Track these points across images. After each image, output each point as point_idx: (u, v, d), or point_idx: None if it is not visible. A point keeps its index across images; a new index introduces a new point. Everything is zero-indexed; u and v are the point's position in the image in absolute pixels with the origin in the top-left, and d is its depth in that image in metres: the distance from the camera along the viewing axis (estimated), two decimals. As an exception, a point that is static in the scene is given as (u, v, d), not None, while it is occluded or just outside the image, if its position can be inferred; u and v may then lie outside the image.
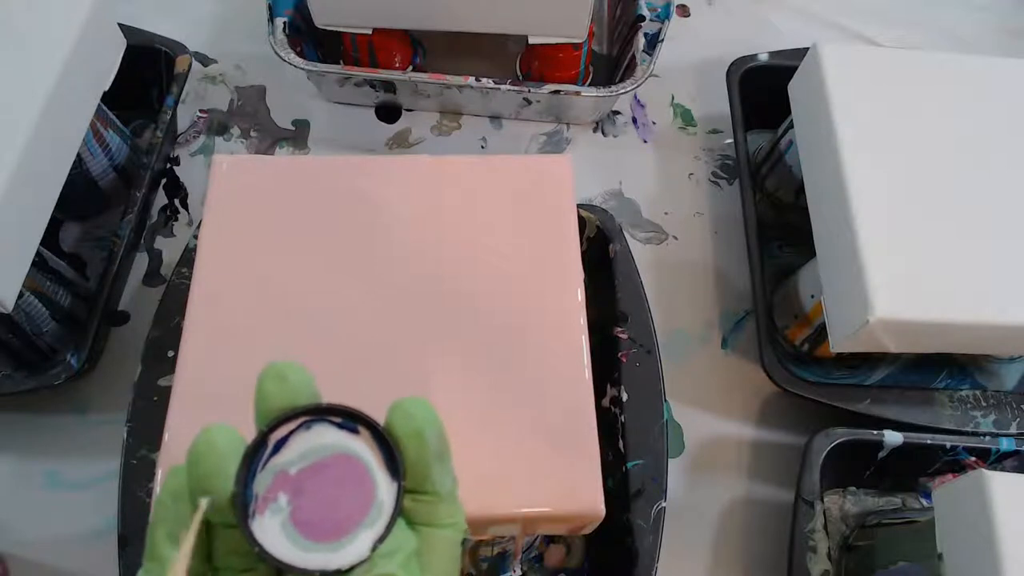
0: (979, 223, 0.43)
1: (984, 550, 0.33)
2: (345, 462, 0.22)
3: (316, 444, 0.22)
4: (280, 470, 0.22)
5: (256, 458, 0.22)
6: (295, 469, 0.22)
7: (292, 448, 0.22)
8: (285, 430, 0.22)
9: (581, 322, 0.37)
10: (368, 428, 0.22)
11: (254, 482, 0.21)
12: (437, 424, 0.23)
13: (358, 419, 0.22)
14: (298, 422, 0.22)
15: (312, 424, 0.22)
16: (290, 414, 0.22)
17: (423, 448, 0.22)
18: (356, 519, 0.22)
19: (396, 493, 0.22)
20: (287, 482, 0.22)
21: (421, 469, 0.23)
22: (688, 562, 0.47)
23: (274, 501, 0.21)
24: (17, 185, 0.40)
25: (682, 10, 0.69)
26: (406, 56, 0.60)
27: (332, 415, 0.22)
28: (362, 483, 0.22)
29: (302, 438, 0.22)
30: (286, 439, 0.22)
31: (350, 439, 0.22)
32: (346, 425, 0.22)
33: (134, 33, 0.53)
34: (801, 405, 0.48)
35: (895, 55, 0.50)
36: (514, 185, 0.40)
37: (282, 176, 0.40)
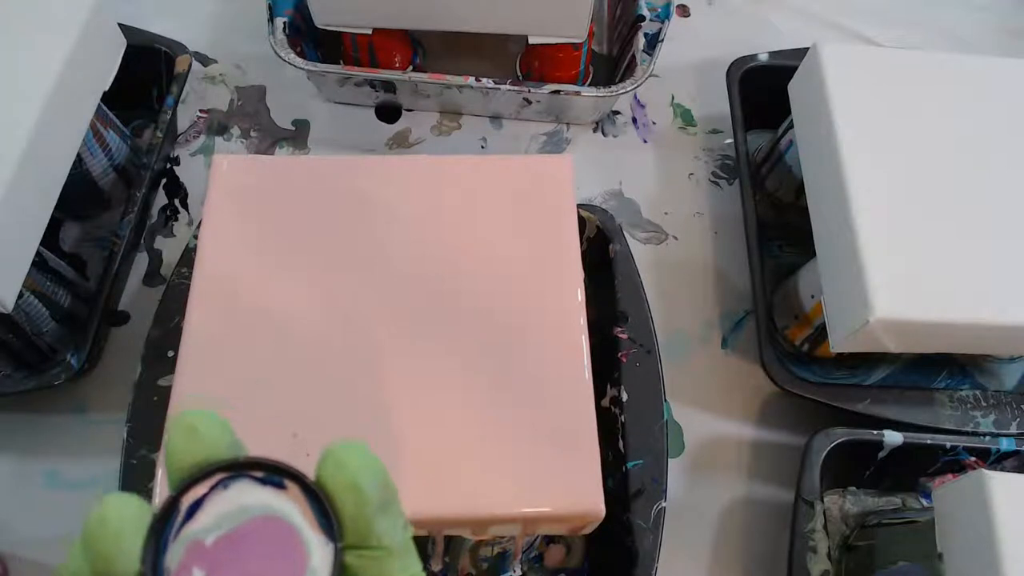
0: (979, 223, 0.43)
1: (984, 550, 0.33)
2: (270, 526, 0.19)
3: (236, 506, 0.19)
4: (194, 539, 0.19)
5: (167, 527, 0.19)
6: (212, 538, 0.19)
7: (208, 512, 0.19)
8: (199, 491, 0.19)
9: (581, 322, 0.37)
10: (295, 482, 0.20)
11: (165, 556, 0.19)
12: (376, 470, 0.20)
13: (283, 472, 0.20)
14: (214, 480, 0.19)
15: (230, 482, 0.19)
16: (204, 472, 0.19)
17: (361, 501, 0.19)
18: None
19: (332, 557, 0.19)
20: (203, 555, 0.19)
21: (363, 524, 0.20)
22: (688, 562, 0.47)
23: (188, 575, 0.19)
24: (17, 185, 0.40)
25: (682, 10, 0.69)
26: (406, 56, 0.60)
27: (253, 470, 0.20)
28: (291, 550, 0.19)
29: (219, 499, 0.19)
30: (201, 502, 0.19)
31: (275, 497, 0.20)
32: (270, 480, 0.20)
33: (134, 33, 0.53)
34: (801, 405, 0.48)
35: (895, 55, 0.50)
36: (514, 185, 0.40)
37: (282, 176, 0.40)
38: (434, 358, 0.36)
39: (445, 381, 0.35)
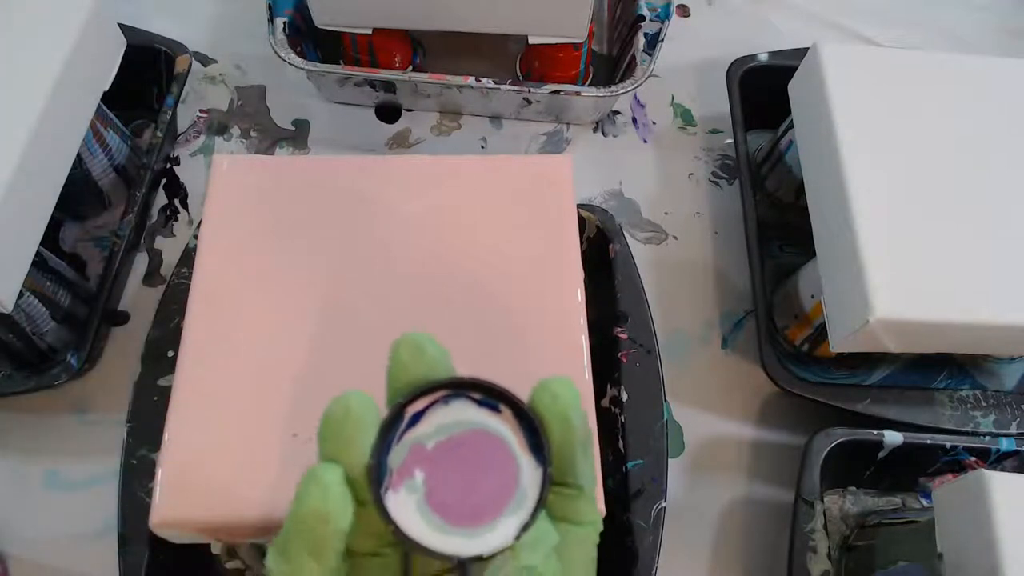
0: (979, 223, 0.43)
1: (984, 550, 0.33)
2: (486, 441, 0.21)
3: (455, 419, 0.21)
4: (416, 443, 0.20)
5: (392, 430, 0.20)
6: (432, 443, 0.20)
7: (429, 422, 0.21)
8: (422, 403, 0.21)
9: (581, 322, 0.37)
10: (511, 407, 0.21)
11: (389, 455, 0.20)
12: (582, 408, 0.21)
13: (501, 397, 0.21)
14: (436, 395, 0.21)
15: (450, 400, 0.21)
16: (428, 387, 0.21)
17: (569, 433, 0.21)
18: (499, 504, 0.20)
19: (542, 479, 0.20)
20: (423, 457, 0.20)
21: (566, 457, 0.21)
22: (688, 562, 0.47)
23: (410, 477, 0.20)
24: (17, 185, 0.40)
25: (682, 10, 0.69)
26: (406, 56, 0.60)
27: (472, 390, 0.21)
28: (504, 466, 0.20)
29: (440, 412, 0.21)
30: (423, 412, 0.21)
31: (491, 417, 0.21)
32: (487, 403, 0.21)
33: (134, 33, 0.53)
34: (801, 405, 0.48)
35: (895, 55, 0.50)
36: (514, 185, 0.40)
37: (282, 176, 0.40)
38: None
39: (445, 381, 0.35)
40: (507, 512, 0.20)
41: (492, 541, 0.19)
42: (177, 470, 0.32)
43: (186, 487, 0.32)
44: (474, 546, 0.19)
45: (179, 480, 0.32)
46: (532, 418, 0.21)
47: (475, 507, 0.20)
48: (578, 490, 0.21)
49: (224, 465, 0.32)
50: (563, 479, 0.21)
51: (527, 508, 0.20)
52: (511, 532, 0.20)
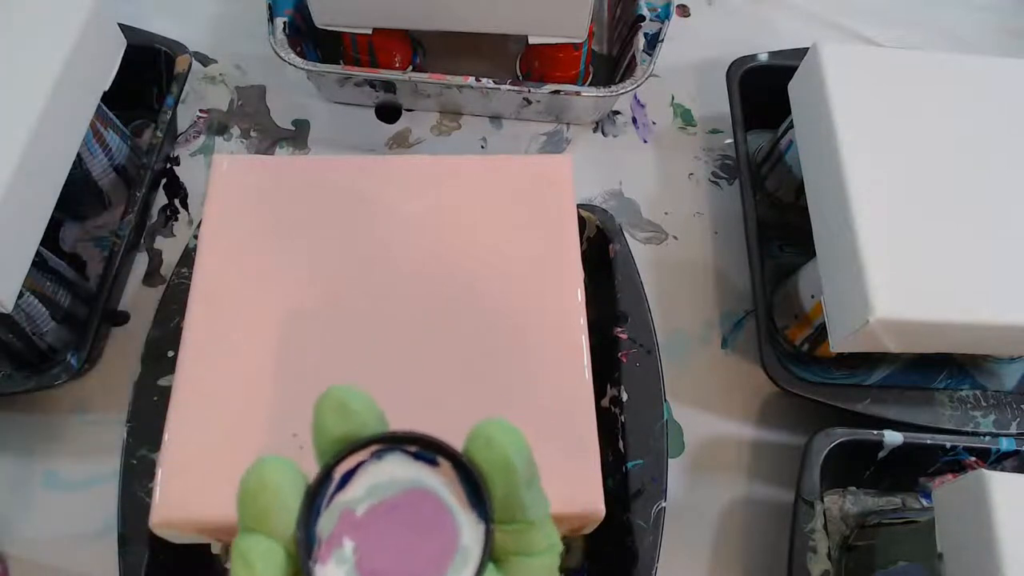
0: (979, 223, 0.43)
1: (984, 550, 0.33)
2: (421, 500, 0.20)
3: (388, 478, 0.20)
4: (345, 509, 0.19)
5: (320, 495, 0.19)
6: (363, 508, 0.19)
7: (360, 483, 0.19)
8: (352, 462, 0.19)
9: (581, 322, 0.37)
10: (448, 459, 0.20)
11: (317, 523, 0.19)
12: (523, 448, 0.20)
13: (436, 449, 0.20)
14: (368, 452, 0.20)
15: (383, 454, 0.20)
16: (357, 444, 0.19)
17: (512, 475, 0.20)
18: (439, 568, 0.19)
19: (484, 537, 0.19)
20: (354, 524, 0.19)
21: (512, 501, 0.20)
22: (688, 562, 0.47)
23: (339, 547, 0.19)
24: (17, 185, 0.40)
25: (682, 10, 0.69)
26: (406, 56, 0.60)
27: (407, 444, 0.20)
28: (442, 525, 0.19)
29: (372, 470, 0.20)
30: (353, 472, 0.20)
31: (426, 472, 0.20)
32: (422, 456, 0.20)
33: (134, 33, 0.53)
34: (801, 405, 0.48)
35: (895, 55, 0.50)
36: (514, 185, 0.40)
37: (282, 176, 0.40)
38: (434, 358, 0.36)
39: (444, 380, 0.35)
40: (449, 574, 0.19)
41: None
42: (177, 470, 0.32)
43: (186, 487, 0.32)
44: None
45: (179, 480, 0.32)
46: (471, 470, 0.19)
47: (412, 574, 0.19)
48: (528, 524, 0.21)
49: (224, 465, 0.32)
50: (512, 519, 0.20)
51: (471, 567, 0.19)
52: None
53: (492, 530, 0.19)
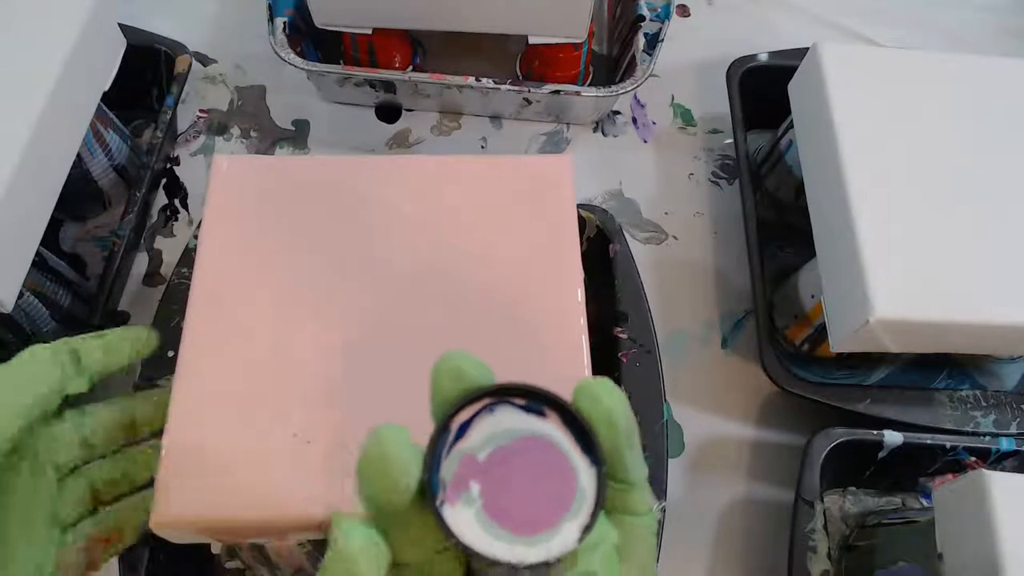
0: (979, 223, 0.43)
1: (984, 550, 0.33)
2: (537, 446, 0.20)
3: (502, 428, 0.21)
4: (466, 455, 0.20)
5: (440, 444, 0.20)
6: (483, 454, 0.20)
7: (477, 432, 0.20)
8: (467, 413, 0.21)
9: (581, 322, 0.37)
10: (557, 410, 0.21)
11: (440, 469, 0.20)
12: (626, 406, 0.21)
13: (546, 400, 0.21)
14: (480, 404, 0.21)
15: (495, 407, 0.21)
16: (471, 397, 0.20)
17: (615, 433, 0.21)
18: (559, 509, 0.20)
19: (597, 479, 0.20)
20: (476, 468, 0.20)
21: (614, 455, 0.21)
22: (688, 562, 0.47)
23: (465, 490, 0.20)
24: (17, 185, 0.40)
25: (682, 10, 0.69)
26: (406, 56, 0.60)
27: (516, 396, 0.21)
28: (560, 469, 0.20)
29: (487, 421, 0.21)
30: (469, 423, 0.21)
31: (538, 422, 0.21)
32: (532, 408, 0.21)
33: (134, 33, 0.53)
34: (801, 405, 0.48)
35: (895, 55, 0.50)
36: (514, 185, 0.40)
37: (282, 176, 0.40)
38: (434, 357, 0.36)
39: (445, 381, 0.35)
40: (568, 516, 0.20)
41: (555, 546, 0.19)
42: (177, 470, 0.32)
43: (186, 488, 0.32)
44: (538, 552, 0.19)
45: (179, 481, 0.32)
46: (580, 420, 0.20)
47: (535, 513, 0.20)
48: (630, 484, 0.21)
49: (224, 465, 0.32)
50: (614, 476, 0.21)
51: (586, 510, 0.20)
52: (573, 535, 0.20)
53: (604, 472, 0.20)
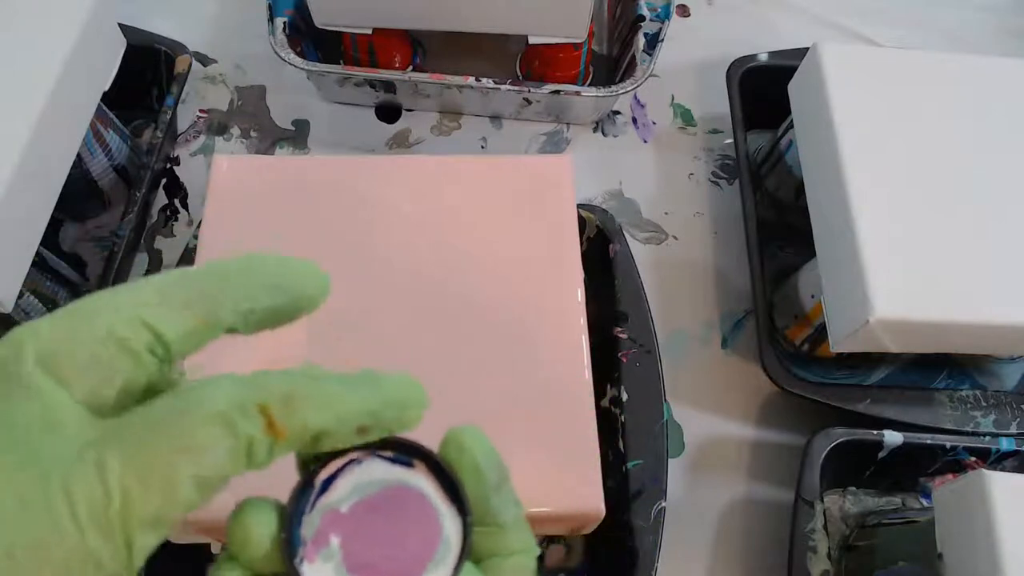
0: (979, 223, 0.43)
1: (984, 550, 0.33)
2: (402, 496, 0.20)
3: (369, 479, 0.20)
4: (330, 509, 0.20)
5: (302, 500, 0.20)
6: (347, 506, 0.20)
7: (341, 486, 0.20)
8: (332, 468, 0.20)
9: (581, 322, 0.37)
10: (423, 461, 0.21)
11: (301, 526, 0.19)
12: (492, 453, 0.21)
13: (412, 451, 0.21)
14: (346, 459, 0.20)
15: (362, 460, 0.20)
16: (336, 453, 0.20)
17: (481, 481, 0.21)
18: (422, 559, 0.20)
19: (463, 529, 0.20)
20: (339, 521, 0.20)
21: (481, 504, 0.21)
22: (688, 562, 0.47)
23: (325, 546, 0.19)
24: (17, 185, 0.40)
25: (682, 10, 0.69)
26: (406, 56, 0.60)
27: (383, 449, 0.21)
28: (424, 518, 0.20)
29: (353, 474, 0.20)
30: (334, 477, 0.20)
31: (405, 472, 0.21)
32: (399, 459, 0.21)
33: (134, 33, 0.53)
34: (801, 405, 0.48)
35: (895, 55, 0.50)
36: (514, 185, 0.40)
37: (282, 176, 0.40)
38: (434, 358, 0.36)
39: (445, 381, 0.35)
40: (431, 566, 0.20)
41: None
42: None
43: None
44: None
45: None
46: (446, 469, 0.20)
47: (398, 565, 0.19)
48: (499, 528, 0.21)
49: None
50: (483, 522, 0.21)
51: (451, 560, 0.20)
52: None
53: (470, 522, 0.20)
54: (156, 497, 0.16)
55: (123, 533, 0.16)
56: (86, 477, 0.16)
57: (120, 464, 0.16)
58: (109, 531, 0.16)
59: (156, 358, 0.18)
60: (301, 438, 0.18)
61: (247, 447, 0.17)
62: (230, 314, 0.19)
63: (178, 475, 0.16)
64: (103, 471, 0.16)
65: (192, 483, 0.17)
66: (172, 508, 0.16)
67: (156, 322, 0.18)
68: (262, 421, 0.17)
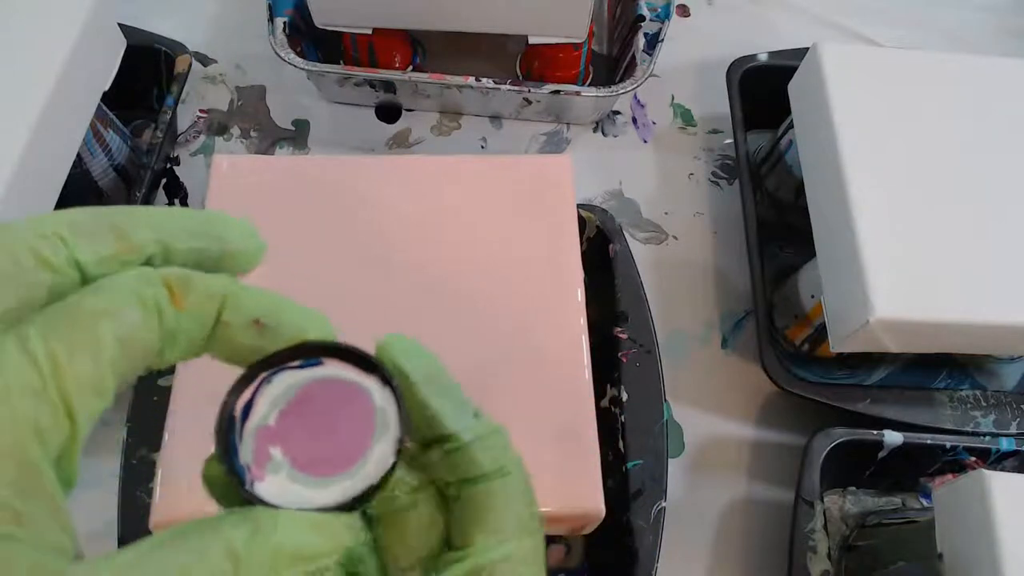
0: (979, 223, 0.43)
1: (984, 550, 0.33)
2: (322, 388, 0.20)
3: (283, 390, 0.20)
4: (258, 428, 0.20)
5: (229, 433, 0.19)
6: (272, 419, 0.20)
7: (260, 404, 0.20)
8: (247, 395, 0.20)
9: (581, 322, 0.37)
10: (333, 355, 0.20)
11: (238, 455, 0.19)
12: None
13: (319, 351, 0.20)
14: (256, 382, 0.20)
15: (272, 377, 0.20)
16: (244, 377, 0.20)
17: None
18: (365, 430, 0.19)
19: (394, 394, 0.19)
20: (271, 434, 0.20)
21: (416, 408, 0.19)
22: (688, 562, 0.47)
23: (268, 460, 0.19)
24: (17, 185, 0.40)
25: (682, 10, 0.69)
26: (406, 56, 0.60)
27: (289, 360, 0.20)
28: (350, 397, 0.20)
29: (266, 393, 0.20)
30: (250, 403, 0.20)
31: (316, 370, 0.20)
32: (307, 364, 0.20)
33: (134, 33, 0.53)
34: (801, 405, 0.48)
35: (895, 55, 0.50)
36: (514, 185, 0.40)
37: (282, 176, 0.40)
38: (434, 358, 0.36)
39: (445, 381, 0.35)
40: (376, 436, 0.19)
41: (374, 468, 0.19)
42: (177, 470, 0.32)
43: (186, 487, 0.32)
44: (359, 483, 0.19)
45: (179, 480, 0.32)
46: (356, 351, 0.20)
47: (343, 444, 0.19)
48: (456, 440, 0.19)
49: (224, 465, 0.32)
50: (434, 434, 0.19)
51: (393, 425, 0.19)
52: (389, 452, 0.19)
53: (397, 385, 0.19)
54: (84, 357, 0.16)
55: (61, 400, 0.16)
56: (9, 352, 0.16)
57: (41, 334, 0.16)
58: (45, 398, 0.16)
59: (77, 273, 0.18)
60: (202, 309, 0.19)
61: (157, 309, 0.17)
62: (150, 243, 0.18)
63: (100, 333, 0.16)
64: (25, 342, 0.16)
65: (115, 343, 0.17)
66: (103, 368, 0.16)
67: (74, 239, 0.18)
68: (166, 292, 0.18)
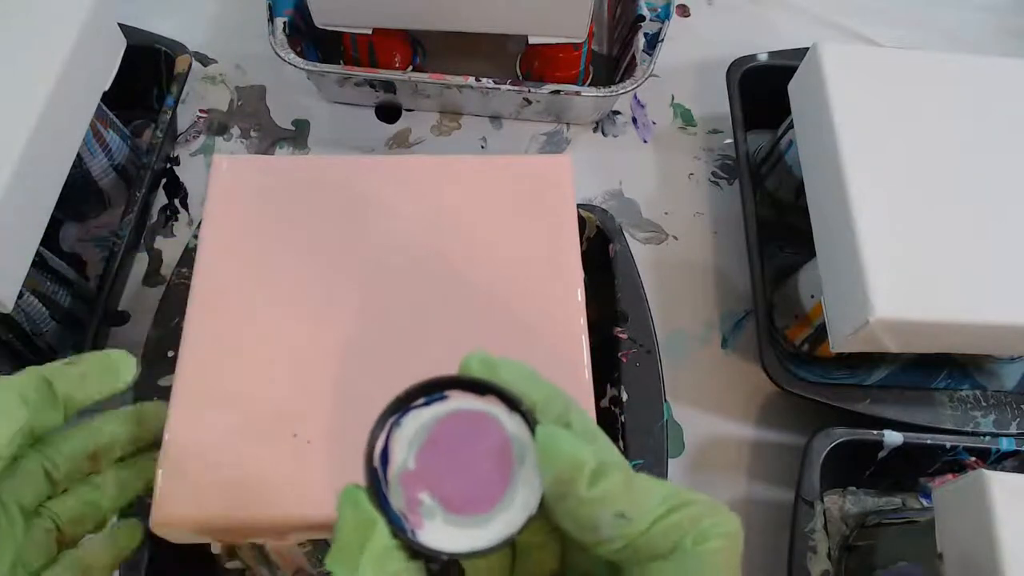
0: (979, 223, 0.43)
1: (984, 550, 0.33)
2: (454, 421, 0.20)
3: (414, 431, 0.21)
4: (400, 472, 0.20)
5: (376, 483, 0.20)
6: (412, 461, 0.20)
7: (396, 451, 0.20)
8: (381, 442, 0.20)
9: (581, 322, 0.37)
10: (454, 388, 0.21)
11: (391, 506, 0.20)
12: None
13: (441, 386, 0.21)
14: (387, 427, 0.21)
15: (401, 420, 0.21)
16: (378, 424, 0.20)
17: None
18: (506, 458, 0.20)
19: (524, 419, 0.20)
20: (416, 478, 0.20)
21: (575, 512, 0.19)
22: (688, 562, 0.47)
23: (420, 505, 0.20)
24: (17, 185, 0.40)
25: (682, 10, 0.69)
26: (406, 56, 0.60)
27: (414, 400, 0.21)
28: (484, 426, 0.20)
29: (399, 437, 0.21)
30: (386, 448, 0.20)
31: (443, 406, 0.21)
32: (433, 399, 0.21)
33: (134, 33, 0.53)
34: (801, 405, 0.48)
35: (895, 55, 0.50)
36: (514, 185, 0.40)
37: (282, 176, 0.40)
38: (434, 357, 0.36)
39: (445, 381, 0.35)
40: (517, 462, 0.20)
41: (526, 496, 0.19)
42: (177, 470, 0.32)
43: (186, 487, 0.32)
44: (517, 517, 0.19)
45: (179, 480, 0.32)
46: (481, 382, 0.20)
47: (488, 478, 0.20)
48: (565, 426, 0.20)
49: (224, 465, 0.32)
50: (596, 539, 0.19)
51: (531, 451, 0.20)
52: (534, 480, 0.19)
53: (526, 409, 0.20)
54: None
55: None
56: None
57: None
58: None
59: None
60: None
61: None
62: None
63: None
64: None
65: None
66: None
67: None
68: None
